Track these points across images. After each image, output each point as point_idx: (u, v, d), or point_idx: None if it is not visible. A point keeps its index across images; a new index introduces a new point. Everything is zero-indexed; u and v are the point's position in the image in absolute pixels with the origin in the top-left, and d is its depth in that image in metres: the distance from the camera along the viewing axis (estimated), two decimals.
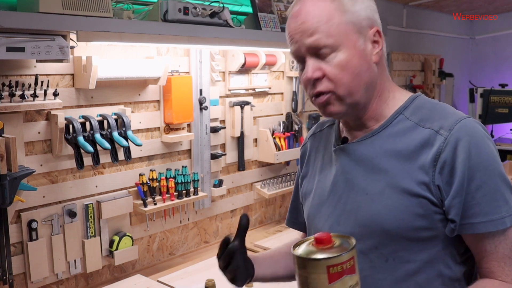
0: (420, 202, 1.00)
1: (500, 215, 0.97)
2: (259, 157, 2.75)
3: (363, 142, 1.10)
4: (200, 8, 1.97)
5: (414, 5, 4.16)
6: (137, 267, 2.23)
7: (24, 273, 1.85)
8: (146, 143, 2.19)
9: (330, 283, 0.86)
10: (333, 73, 1.02)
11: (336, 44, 1.02)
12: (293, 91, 2.88)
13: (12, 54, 1.54)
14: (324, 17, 1.03)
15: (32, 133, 1.82)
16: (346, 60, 1.02)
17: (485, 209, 0.97)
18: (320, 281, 0.86)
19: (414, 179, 1.00)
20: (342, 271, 0.86)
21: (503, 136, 4.67)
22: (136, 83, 2.13)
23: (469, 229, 0.98)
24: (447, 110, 1.07)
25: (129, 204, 2.11)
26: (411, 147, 1.03)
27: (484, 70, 5.13)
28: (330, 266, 0.86)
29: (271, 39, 2.32)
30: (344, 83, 1.03)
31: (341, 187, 1.11)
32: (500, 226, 0.97)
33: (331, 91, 1.04)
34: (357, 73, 1.03)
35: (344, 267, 0.86)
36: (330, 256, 0.86)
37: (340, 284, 0.86)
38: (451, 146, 0.98)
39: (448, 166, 0.98)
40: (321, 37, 1.02)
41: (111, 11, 1.70)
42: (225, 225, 2.64)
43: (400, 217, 1.01)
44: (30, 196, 1.81)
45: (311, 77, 1.04)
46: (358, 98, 1.05)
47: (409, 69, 4.18)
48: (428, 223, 1.00)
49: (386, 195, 1.02)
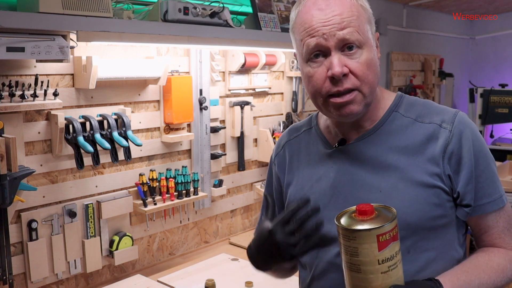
0: (435, 192, 1.05)
1: (499, 194, 1.09)
2: (259, 157, 2.75)
3: (363, 142, 1.11)
4: (200, 8, 1.97)
5: (414, 5, 4.16)
6: (137, 267, 2.23)
7: (24, 273, 1.85)
8: (146, 143, 2.19)
9: (380, 250, 0.91)
10: (360, 70, 1.02)
11: (363, 41, 1.03)
12: (293, 91, 2.88)
13: (12, 54, 1.54)
14: (355, 12, 1.03)
15: (32, 133, 1.82)
16: (370, 58, 1.04)
17: (488, 190, 1.08)
18: (370, 250, 0.91)
19: (425, 171, 1.05)
20: (390, 239, 0.91)
21: (503, 136, 4.67)
22: (136, 83, 2.13)
23: (478, 211, 1.08)
24: (436, 105, 1.15)
25: (129, 204, 2.11)
26: (416, 141, 1.08)
27: (484, 70, 5.13)
28: (380, 235, 0.91)
29: (271, 39, 2.32)
30: (369, 81, 1.04)
31: (346, 188, 1.11)
32: (501, 204, 1.09)
33: (357, 89, 1.03)
34: (377, 72, 1.07)
35: (392, 234, 0.92)
36: (379, 226, 0.91)
37: (388, 250, 0.91)
38: (456, 138, 1.06)
39: (456, 156, 1.06)
40: (353, 31, 1.01)
41: (111, 11, 1.70)
42: (225, 225, 2.64)
43: (419, 208, 1.05)
44: (30, 196, 1.81)
45: (341, 72, 1.01)
46: (373, 97, 1.08)
47: (409, 69, 4.18)
48: (443, 211, 1.07)
49: (401, 189, 1.06)
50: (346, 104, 1.03)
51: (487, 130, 4.56)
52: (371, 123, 1.12)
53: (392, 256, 0.92)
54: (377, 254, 0.91)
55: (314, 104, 1.12)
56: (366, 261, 0.91)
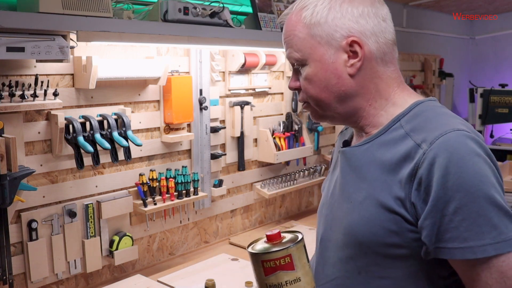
0: (394, 218, 0.96)
1: (482, 242, 0.87)
2: (259, 157, 2.75)
3: (359, 148, 1.08)
4: (200, 8, 1.97)
5: (414, 5, 4.16)
6: (137, 267, 2.23)
7: (24, 273, 1.85)
8: (146, 143, 2.19)
9: (266, 275, 0.97)
10: (302, 85, 1.09)
11: (303, 58, 1.07)
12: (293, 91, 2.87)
13: (12, 54, 1.54)
14: (292, 31, 1.09)
15: (32, 133, 1.82)
16: (313, 73, 1.06)
17: (464, 234, 0.88)
18: (258, 273, 0.98)
19: (392, 193, 0.96)
20: (276, 267, 0.95)
21: (503, 136, 4.67)
22: (136, 83, 2.13)
23: (444, 254, 0.91)
24: (442, 120, 0.98)
25: (129, 204, 2.11)
26: (394, 159, 0.98)
27: (484, 70, 5.12)
28: (264, 261, 0.96)
29: (271, 39, 2.32)
30: (312, 95, 1.08)
31: (336, 192, 1.12)
32: (479, 254, 0.88)
33: (307, 102, 1.11)
34: (324, 86, 1.05)
35: (277, 263, 0.95)
36: (264, 252, 0.97)
37: (274, 278, 0.96)
38: (428, 162, 0.91)
39: (424, 183, 0.92)
40: (292, 51, 1.09)
41: (111, 11, 1.70)
42: (225, 225, 2.64)
43: (372, 231, 0.98)
44: (30, 196, 1.81)
45: (290, 87, 1.13)
46: (332, 109, 1.08)
47: (409, 69, 4.18)
48: (401, 240, 0.96)
49: (365, 206, 1.01)
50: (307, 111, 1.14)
51: (487, 130, 4.56)
52: (375, 129, 1.07)
53: (280, 285, 0.95)
54: (264, 278, 0.97)
55: None
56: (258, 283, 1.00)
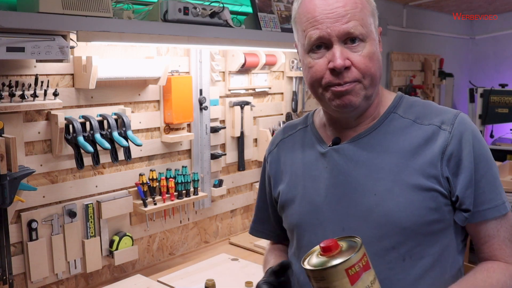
0: (432, 196, 1.02)
1: (502, 200, 1.04)
2: (259, 157, 2.75)
3: (359, 142, 1.08)
4: (200, 8, 1.97)
5: (414, 5, 4.16)
6: (137, 267, 2.23)
7: (24, 273, 1.84)
8: (146, 143, 2.19)
9: (353, 284, 0.86)
10: (362, 63, 1.01)
11: (366, 35, 1.02)
12: (293, 91, 2.88)
13: (12, 54, 1.54)
14: (359, 4, 1.02)
15: (32, 133, 1.82)
16: (373, 51, 1.03)
17: (489, 196, 1.03)
18: (342, 286, 0.86)
19: (422, 173, 1.02)
20: (361, 269, 0.87)
21: (503, 136, 4.66)
22: (136, 83, 2.13)
23: (478, 217, 1.04)
24: (437, 106, 1.12)
25: (129, 204, 2.11)
26: (414, 143, 1.04)
27: (484, 70, 5.12)
28: (348, 268, 0.86)
29: (271, 39, 2.32)
30: (371, 74, 1.03)
31: (340, 190, 1.08)
32: (503, 210, 1.04)
33: (358, 81, 1.02)
34: (379, 66, 1.06)
35: (361, 265, 0.87)
36: (345, 259, 0.86)
37: (361, 282, 0.87)
38: (456, 139, 1.03)
39: (455, 158, 1.02)
40: (357, 25, 1.00)
41: (111, 11, 1.70)
42: (225, 225, 2.64)
43: (415, 213, 1.01)
44: (30, 196, 1.81)
45: (343, 65, 1.00)
46: (374, 90, 1.06)
47: (409, 69, 4.18)
48: (440, 215, 1.03)
49: (396, 193, 1.02)
50: (346, 93, 1.02)
51: (487, 130, 4.56)
52: (370, 122, 1.10)
53: (368, 287, 0.88)
54: None
55: (312, 93, 1.10)
56: None
